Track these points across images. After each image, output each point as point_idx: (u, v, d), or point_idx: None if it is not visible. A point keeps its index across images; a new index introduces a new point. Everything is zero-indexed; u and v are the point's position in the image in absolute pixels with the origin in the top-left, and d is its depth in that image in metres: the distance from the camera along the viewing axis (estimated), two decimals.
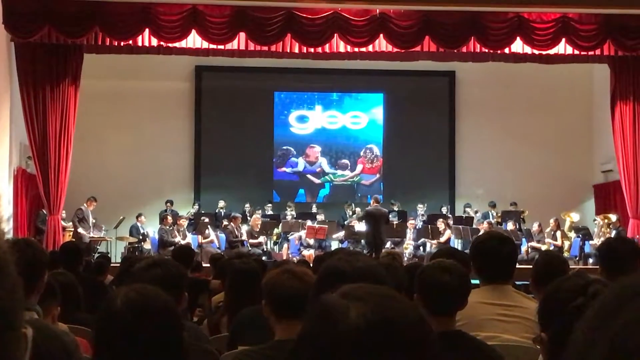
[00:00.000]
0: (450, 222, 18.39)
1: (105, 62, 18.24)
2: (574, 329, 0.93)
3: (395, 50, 16.39)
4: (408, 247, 17.97)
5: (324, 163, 21.75)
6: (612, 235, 15.94)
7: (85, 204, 17.40)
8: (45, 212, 16.51)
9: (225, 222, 18.25)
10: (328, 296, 1.37)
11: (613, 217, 17.59)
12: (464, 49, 16.50)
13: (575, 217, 19.04)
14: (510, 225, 17.96)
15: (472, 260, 4.40)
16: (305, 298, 3.23)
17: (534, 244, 17.72)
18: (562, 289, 2.33)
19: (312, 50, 16.47)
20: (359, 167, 21.82)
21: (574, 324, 2.29)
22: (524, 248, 17.55)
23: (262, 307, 4.83)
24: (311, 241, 17.90)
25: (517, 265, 4.53)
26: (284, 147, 21.67)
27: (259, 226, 17.89)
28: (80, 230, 17.01)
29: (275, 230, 18.53)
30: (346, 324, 1.28)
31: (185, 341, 2.37)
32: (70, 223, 17.20)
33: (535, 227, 18.22)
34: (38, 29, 15.42)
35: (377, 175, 21.86)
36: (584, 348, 0.86)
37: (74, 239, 15.75)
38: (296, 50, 16.41)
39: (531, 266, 4.98)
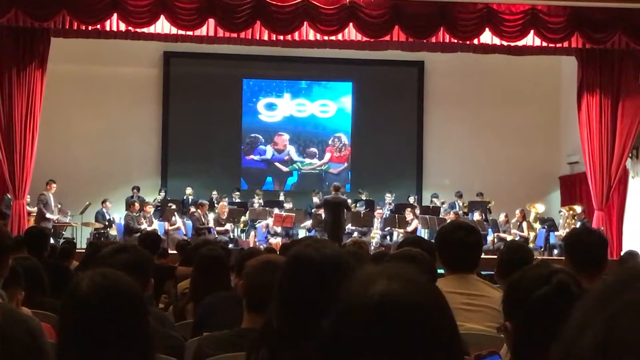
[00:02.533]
0: (418, 211, 18.46)
1: (73, 47, 18.09)
2: (574, 311, 0.93)
3: (365, 39, 16.39)
4: (375, 236, 18.04)
5: (292, 151, 21.74)
6: (577, 227, 16.10)
7: (45, 188, 17.26)
8: (10, 196, 16.37)
9: (192, 209, 18.21)
10: (364, 269, 1.44)
11: (578, 209, 17.75)
12: (433, 39, 16.51)
13: (540, 208, 19.18)
14: (476, 216, 18.06)
15: (438, 249, 4.42)
16: None
17: (500, 234, 17.84)
18: (526, 278, 2.35)
19: (281, 38, 16.42)
20: (327, 156, 21.84)
21: (538, 312, 2.32)
22: (490, 238, 17.68)
23: (229, 294, 4.85)
24: (278, 229, 17.92)
25: (483, 255, 4.56)
26: (252, 135, 21.63)
27: (225, 213, 17.87)
28: (48, 215, 16.90)
29: (243, 218, 18.52)
30: (369, 297, 1.34)
31: (150, 325, 2.37)
32: (35, 208, 17.07)
33: (501, 217, 18.33)
34: (4, 12, 15.21)
35: (345, 164, 21.89)
36: (579, 329, 0.87)
37: (36, 224, 15.61)
38: (265, 37, 16.34)
39: (497, 256, 5.02)
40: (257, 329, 2.77)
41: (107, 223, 18.03)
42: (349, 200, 18.03)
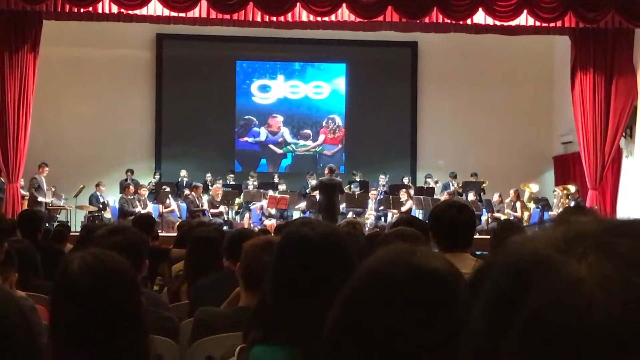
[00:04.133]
0: (412, 192, 18.46)
1: (65, 29, 18.00)
2: (463, 325, 0.86)
3: (358, 20, 16.32)
4: (369, 217, 18.04)
5: (286, 133, 21.72)
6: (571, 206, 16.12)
7: (38, 172, 17.22)
8: (3, 180, 16.34)
9: (186, 192, 18.19)
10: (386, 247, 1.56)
11: (572, 188, 17.77)
12: (427, 20, 16.46)
13: (534, 188, 19.22)
14: (470, 196, 18.06)
15: (431, 228, 4.41)
16: None
17: (494, 214, 17.86)
18: None
19: (274, 19, 16.34)
20: (321, 138, 21.82)
21: None
22: (484, 218, 17.70)
23: (223, 275, 4.85)
24: (273, 211, 17.91)
25: (478, 235, 4.55)
26: (246, 117, 21.60)
27: (220, 196, 17.85)
28: (40, 198, 16.87)
29: (237, 200, 18.51)
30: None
31: (143, 305, 2.36)
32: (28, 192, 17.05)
33: (495, 197, 18.35)
34: None
35: (339, 146, 21.87)
36: (488, 340, 0.78)
37: (28, 207, 15.60)
38: (258, 19, 16.27)
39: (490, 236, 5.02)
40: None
41: (101, 206, 18.01)
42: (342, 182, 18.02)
